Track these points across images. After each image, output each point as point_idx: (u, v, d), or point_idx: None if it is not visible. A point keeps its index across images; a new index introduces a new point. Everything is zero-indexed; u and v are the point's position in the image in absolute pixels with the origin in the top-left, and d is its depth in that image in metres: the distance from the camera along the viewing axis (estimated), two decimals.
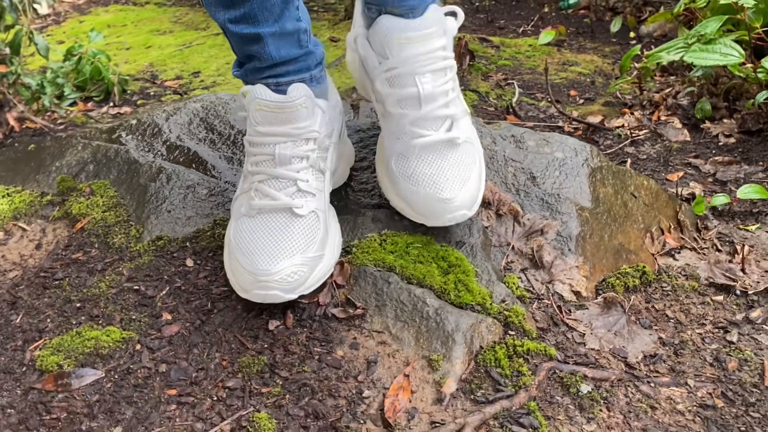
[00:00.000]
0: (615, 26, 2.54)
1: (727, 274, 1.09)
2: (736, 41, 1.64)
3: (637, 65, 2.29)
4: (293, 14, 0.92)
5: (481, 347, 0.83)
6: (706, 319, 0.97)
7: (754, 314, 0.98)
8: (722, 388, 0.84)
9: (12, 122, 1.95)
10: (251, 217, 0.88)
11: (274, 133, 0.90)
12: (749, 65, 1.67)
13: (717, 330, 0.95)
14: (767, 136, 1.72)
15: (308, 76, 0.97)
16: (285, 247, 0.84)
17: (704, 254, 1.15)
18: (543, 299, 0.94)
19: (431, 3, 0.96)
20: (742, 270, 1.10)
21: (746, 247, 1.16)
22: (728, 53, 1.66)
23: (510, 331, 0.87)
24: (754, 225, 1.27)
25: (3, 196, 1.10)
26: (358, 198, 1.05)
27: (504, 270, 0.97)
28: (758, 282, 1.08)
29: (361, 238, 0.96)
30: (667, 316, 0.97)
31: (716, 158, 1.64)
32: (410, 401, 0.77)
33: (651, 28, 2.57)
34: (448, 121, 0.95)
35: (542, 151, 1.13)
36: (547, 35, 2.38)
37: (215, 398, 0.77)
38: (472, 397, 0.78)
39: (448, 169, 0.92)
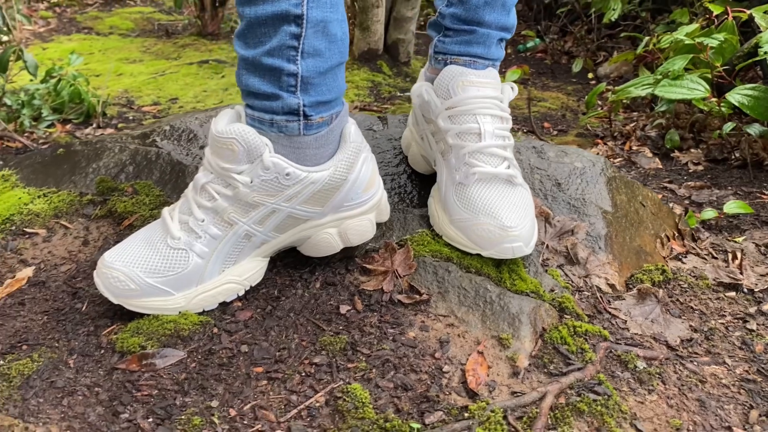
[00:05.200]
0: (576, 66, 2.69)
1: (730, 275, 1.19)
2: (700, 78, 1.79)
3: (599, 102, 2.44)
4: (285, 53, 0.84)
5: (544, 328, 0.89)
6: (725, 311, 1.06)
7: (766, 307, 1.08)
8: (756, 366, 0.92)
9: None
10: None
11: (207, 158, 0.89)
12: (714, 99, 1.81)
13: (737, 320, 1.04)
14: (732, 164, 1.86)
15: (268, 119, 0.87)
16: (138, 256, 0.87)
17: (706, 259, 1.25)
18: (583, 291, 1.01)
19: (490, 65, 1.05)
20: (741, 273, 1.20)
21: (740, 253, 1.26)
22: (694, 88, 1.80)
23: (565, 315, 0.93)
24: (740, 237, 1.38)
25: (38, 197, 1.10)
26: (398, 201, 1.10)
27: (542, 266, 1.03)
28: (756, 283, 1.17)
29: (412, 233, 1.01)
30: (691, 308, 1.05)
31: (689, 183, 1.77)
32: (488, 375, 0.82)
33: (608, 69, 2.74)
34: (506, 161, 0.99)
35: (562, 161, 1.21)
36: (513, 73, 2.50)
37: (303, 374, 0.80)
38: (545, 370, 0.84)
39: (508, 201, 0.95)
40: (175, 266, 0.86)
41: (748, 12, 1.90)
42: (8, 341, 0.85)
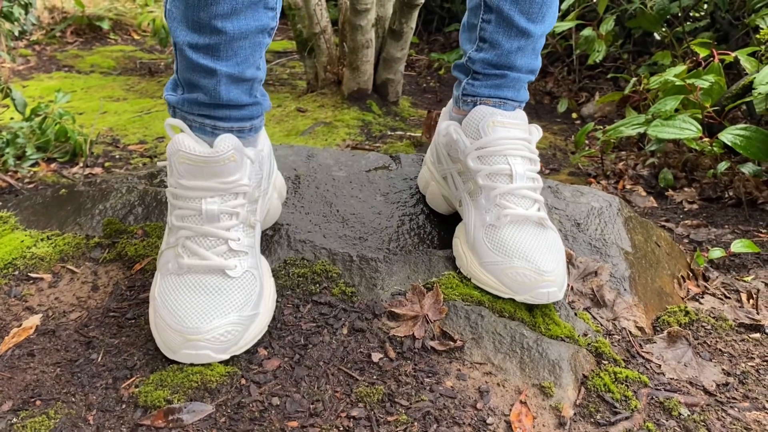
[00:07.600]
0: (562, 107, 2.72)
1: (749, 316, 1.18)
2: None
3: (587, 141, 2.46)
4: (256, 62, 0.89)
5: (585, 375, 0.86)
6: (752, 354, 1.04)
7: None
8: None
9: None
10: (180, 276, 0.85)
11: (200, 188, 0.86)
12: (705, 139, 1.83)
13: (766, 363, 1.02)
14: (726, 203, 1.88)
15: (248, 126, 0.93)
16: (219, 306, 0.82)
17: (723, 299, 1.24)
18: (613, 334, 0.98)
19: (518, 107, 1.05)
20: (758, 314, 1.19)
21: (755, 293, 1.25)
22: (686, 128, 1.81)
23: (603, 361, 0.90)
24: (749, 276, 1.37)
25: (41, 240, 1.04)
26: (418, 242, 1.07)
27: (571, 309, 1.01)
28: None
29: (439, 275, 0.98)
30: (719, 350, 1.03)
31: (686, 222, 1.77)
32: (533, 426, 0.78)
33: (592, 109, 2.77)
34: (537, 204, 0.98)
35: (579, 200, 1.19)
36: None
37: (342, 428, 0.75)
38: (592, 420, 0.80)
39: (542, 244, 0.93)
40: (251, 290, 0.86)
41: (733, 54, 1.93)
42: (20, 396, 0.79)
